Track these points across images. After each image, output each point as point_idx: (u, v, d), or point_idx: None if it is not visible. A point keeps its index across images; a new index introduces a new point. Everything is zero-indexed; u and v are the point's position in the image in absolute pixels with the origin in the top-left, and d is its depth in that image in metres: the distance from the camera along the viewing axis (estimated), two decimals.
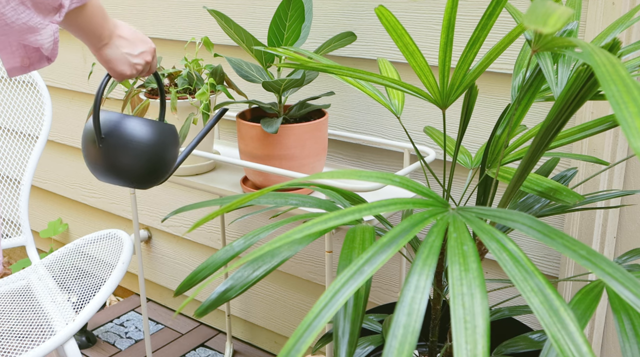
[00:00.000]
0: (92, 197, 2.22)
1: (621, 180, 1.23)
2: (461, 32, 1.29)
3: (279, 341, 1.89)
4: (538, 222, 0.57)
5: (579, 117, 1.19)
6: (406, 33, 0.82)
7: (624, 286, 0.50)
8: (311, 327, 0.49)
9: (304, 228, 0.53)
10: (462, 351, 0.44)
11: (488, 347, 0.45)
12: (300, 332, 0.49)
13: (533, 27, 0.43)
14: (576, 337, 0.47)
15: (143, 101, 1.36)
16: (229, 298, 0.71)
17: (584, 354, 0.46)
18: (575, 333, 0.47)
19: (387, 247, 0.54)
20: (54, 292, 1.46)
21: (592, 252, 0.53)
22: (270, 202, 0.88)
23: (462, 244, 0.53)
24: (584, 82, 0.65)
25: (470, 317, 0.47)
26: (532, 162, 0.73)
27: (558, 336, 0.47)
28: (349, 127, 1.51)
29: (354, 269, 0.52)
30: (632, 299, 0.50)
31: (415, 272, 0.52)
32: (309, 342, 0.48)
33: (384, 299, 1.59)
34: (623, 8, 1.10)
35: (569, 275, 1.27)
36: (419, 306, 0.49)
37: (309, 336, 0.48)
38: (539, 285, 0.51)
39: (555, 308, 0.49)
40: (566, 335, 0.47)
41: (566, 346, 0.46)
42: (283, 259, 0.72)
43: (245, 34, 1.23)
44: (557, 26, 0.44)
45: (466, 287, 0.49)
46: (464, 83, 0.82)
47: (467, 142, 1.36)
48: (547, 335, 0.47)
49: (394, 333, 0.48)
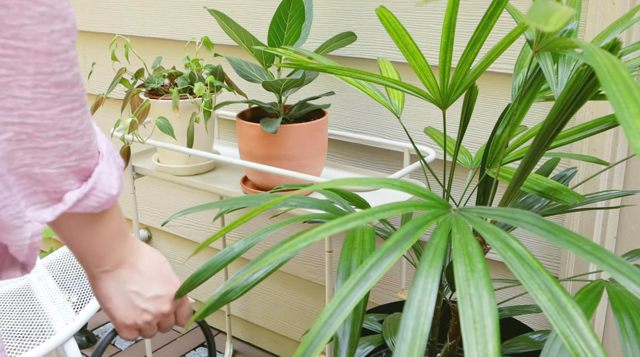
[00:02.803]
0: None
1: (621, 180, 1.23)
2: (462, 32, 1.29)
3: (279, 341, 1.89)
4: (541, 220, 0.57)
5: (579, 117, 1.19)
6: (407, 34, 0.82)
7: (631, 279, 0.50)
8: (320, 334, 0.49)
9: (307, 237, 0.53)
10: (473, 351, 0.44)
11: (499, 347, 0.45)
12: (310, 341, 0.49)
13: (535, 26, 0.43)
14: (585, 333, 0.47)
15: (144, 102, 1.36)
16: (229, 300, 0.71)
17: (594, 350, 0.46)
18: (585, 329, 0.47)
19: (392, 251, 0.54)
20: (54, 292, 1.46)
21: (596, 247, 0.53)
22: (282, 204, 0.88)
23: (466, 245, 0.53)
24: (584, 82, 0.65)
25: (480, 317, 0.47)
26: (532, 162, 0.73)
27: (567, 332, 0.47)
28: (349, 127, 1.51)
29: (359, 275, 0.52)
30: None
31: (421, 275, 0.52)
32: (319, 350, 0.48)
33: (384, 299, 1.59)
34: (623, 8, 1.10)
35: (569, 275, 1.27)
36: (426, 308, 0.49)
37: (319, 344, 0.48)
38: (546, 282, 0.51)
39: (563, 305, 0.49)
40: (575, 331, 0.47)
41: (576, 342, 0.46)
42: (283, 260, 0.72)
43: (246, 33, 1.23)
44: (558, 25, 0.44)
45: (473, 288, 0.49)
46: (464, 83, 0.82)
47: (467, 142, 1.36)
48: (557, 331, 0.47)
49: (403, 337, 0.48)
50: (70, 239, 0.64)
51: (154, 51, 1.83)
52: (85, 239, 0.64)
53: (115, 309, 0.71)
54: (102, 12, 1.91)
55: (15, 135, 0.52)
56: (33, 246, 0.57)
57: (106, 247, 0.66)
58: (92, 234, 0.64)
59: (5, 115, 0.51)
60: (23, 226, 0.56)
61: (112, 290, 0.70)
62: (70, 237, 0.64)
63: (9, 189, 0.54)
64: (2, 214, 0.54)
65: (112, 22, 1.90)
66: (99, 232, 0.64)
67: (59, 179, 0.56)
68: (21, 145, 0.53)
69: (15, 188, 0.54)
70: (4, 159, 0.53)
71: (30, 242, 0.57)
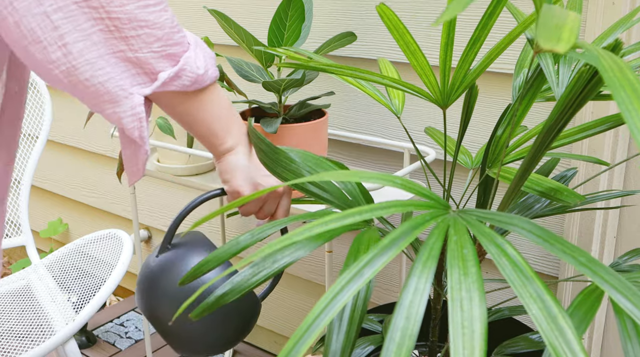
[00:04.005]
0: (92, 197, 2.22)
1: (621, 180, 1.23)
2: (462, 31, 1.29)
3: (279, 340, 1.89)
4: (537, 227, 0.57)
5: (579, 117, 1.19)
6: (407, 32, 0.82)
7: (622, 295, 0.50)
8: (311, 329, 0.49)
9: (304, 230, 0.53)
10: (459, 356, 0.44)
11: (485, 353, 0.45)
12: (300, 334, 0.48)
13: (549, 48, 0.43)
14: (574, 345, 0.47)
15: None
16: (227, 302, 0.71)
17: None
18: (573, 341, 0.47)
19: (387, 249, 0.54)
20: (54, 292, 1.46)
21: (591, 259, 0.53)
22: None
23: (462, 247, 0.53)
24: (586, 83, 0.65)
25: (469, 322, 0.47)
26: (533, 162, 0.73)
27: (555, 344, 0.47)
28: (349, 127, 1.51)
29: (354, 272, 0.52)
30: (631, 309, 0.50)
31: (414, 275, 0.51)
32: (309, 343, 0.48)
33: (384, 299, 1.59)
34: (623, 8, 1.10)
35: (569, 275, 1.27)
36: (417, 309, 0.49)
37: (309, 338, 0.48)
38: (538, 291, 0.51)
39: (554, 315, 0.49)
40: (564, 343, 0.47)
41: (563, 354, 0.46)
42: (284, 265, 0.71)
43: (246, 33, 1.23)
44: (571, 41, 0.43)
45: (465, 292, 0.49)
46: (464, 83, 0.82)
47: (468, 142, 1.36)
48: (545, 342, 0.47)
49: (392, 337, 0.47)
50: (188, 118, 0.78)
51: None
52: (204, 117, 0.78)
53: (234, 179, 0.84)
54: None
55: (106, 27, 0.67)
56: (138, 115, 0.71)
57: (222, 125, 0.80)
58: (208, 112, 0.78)
59: (95, 12, 0.65)
60: (127, 97, 0.70)
61: (233, 165, 0.84)
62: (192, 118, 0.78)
63: (112, 66, 0.68)
64: (109, 85, 0.69)
65: None
66: (213, 111, 0.78)
67: (151, 61, 0.70)
68: (113, 34, 0.67)
69: (119, 68, 0.69)
70: (102, 44, 0.67)
71: (134, 112, 0.70)
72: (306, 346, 0.48)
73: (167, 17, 0.70)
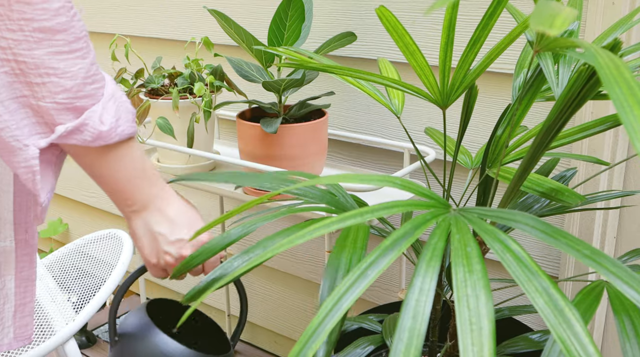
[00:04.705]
0: (92, 197, 2.22)
1: (621, 180, 1.23)
2: (462, 32, 1.29)
3: (279, 340, 1.89)
4: (541, 222, 0.57)
5: (579, 117, 1.19)
6: (406, 33, 0.82)
7: (628, 285, 0.50)
8: (316, 333, 0.49)
9: (305, 233, 0.53)
10: (469, 353, 0.44)
11: (494, 349, 0.45)
12: (306, 339, 0.49)
13: (540, 29, 0.43)
14: (582, 337, 0.47)
15: (144, 102, 1.36)
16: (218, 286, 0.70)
17: (590, 355, 0.46)
18: (581, 333, 0.47)
19: (390, 250, 0.54)
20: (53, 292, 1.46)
21: (595, 251, 0.53)
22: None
23: (465, 246, 0.53)
24: (585, 82, 0.65)
25: (476, 319, 0.47)
26: (532, 162, 0.73)
27: (564, 336, 0.47)
28: (349, 127, 1.51)
29: (357, 273, 0.52)
30: (637, 298, 0.50)
31: (419, 275, 0.51)
32: (315, 348, 0.48)
33: (384, 299, 1.59)
34: (623, 8, 1.10)
35: (569, 275, 1.27)
36: (423, 308, 0.49)
37: (315, 342, 0.48)
38: (544, 285, 0.51)
39: (561, 308, 0.49)
40: (572, 335, 0.47)
41: (572, 347, 0.46)
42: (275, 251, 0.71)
43: (246, 33, 1.23)
44: (563, 28, 0.44)
45: (470, 289, 0.49)
46: (464, 83, 0.82)
47: (467, 142, 1.36)
48: (553, 335, 0.47)
49: (400, 337, 0.47)
50: (98, 175, 0.73)
51: (154, 51, 1.83)
52: (109, 174, 0.73)
53: (142, 248, 0.79)
54: (102, 12, 1.91)
55: (11, 70, 0.63)
56: (31, 168, 0.66)
57: (132, 186, 0.74)
58: (113, 170, 0.72)
59: (1, 52, 0.62)
60: (22, 148, 0.65)
61: (141, 230, 0.77)
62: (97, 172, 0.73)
63: (11, 113, 0.64)
64: (3, 134, 0.64)
65: (112, 22, 1.90)
66: (119, 170, 0.73)
67: (52, 113, 0.65)
68: (18, 78, 0.64)
69: (18, 115, 0.65)
70: (5, 88, 0.64)
71: (27, 164, 0.66)
72: (312, 350, 0.48)
73: (82, 67, 0.66)
